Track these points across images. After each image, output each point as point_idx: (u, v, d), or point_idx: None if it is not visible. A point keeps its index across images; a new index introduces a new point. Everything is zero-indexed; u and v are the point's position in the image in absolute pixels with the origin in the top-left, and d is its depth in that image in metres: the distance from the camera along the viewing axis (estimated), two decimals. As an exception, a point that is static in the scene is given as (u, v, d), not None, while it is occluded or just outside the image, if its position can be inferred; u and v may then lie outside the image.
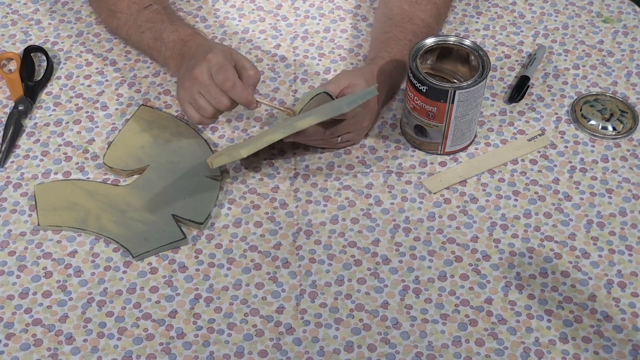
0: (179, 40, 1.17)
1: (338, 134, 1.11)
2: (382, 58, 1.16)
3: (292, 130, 1.03)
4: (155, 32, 1.19)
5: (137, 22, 1.21)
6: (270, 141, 1.03)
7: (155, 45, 1.19)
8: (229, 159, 1.05)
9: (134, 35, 1.22)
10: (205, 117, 1.09)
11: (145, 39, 1.20)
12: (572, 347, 0.97)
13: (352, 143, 1.16)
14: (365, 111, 1.11)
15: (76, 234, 1.06)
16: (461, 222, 1.08)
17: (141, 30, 1.20)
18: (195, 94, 1.08)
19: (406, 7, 1.22)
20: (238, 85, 1.06)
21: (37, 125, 1.18)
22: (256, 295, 1.01)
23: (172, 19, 1.21)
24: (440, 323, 0.99)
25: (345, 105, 1.03)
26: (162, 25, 1.19)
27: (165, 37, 1.18)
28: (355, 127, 1.12)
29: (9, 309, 0.99)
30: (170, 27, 1.18)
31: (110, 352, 0.96)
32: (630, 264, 1.05)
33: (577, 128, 1.19)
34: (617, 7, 1.36)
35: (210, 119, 1.10)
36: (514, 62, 1.27)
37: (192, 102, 1.09)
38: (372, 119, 1.15)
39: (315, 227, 1.07)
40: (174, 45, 1.17)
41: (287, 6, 1.35)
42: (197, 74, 1.07)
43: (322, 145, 1.14)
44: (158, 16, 1.20)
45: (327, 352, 0.96)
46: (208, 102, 1.07)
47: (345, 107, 1.03)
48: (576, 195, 1.11)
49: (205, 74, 1.06)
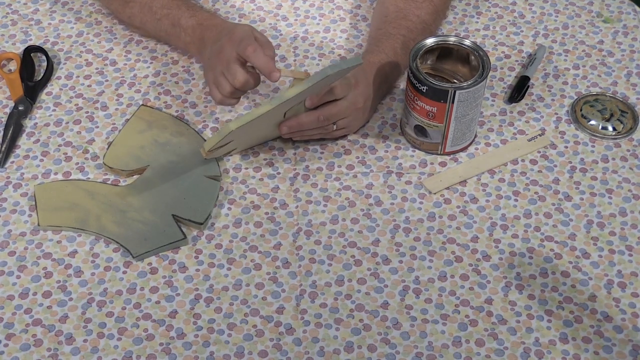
0: (198, 25, 1.17)
1: (333, 119, 1.10)
2: (371, 52, 1.17)
3: (280, 100, 1.02)
4: (173, 18, 1.19)
5: (152, 10, 1.21)
6: (259, 113, 1.02)
7: (173, 31, 1.20)
8: (218, 137, 1.04)
9: (150, 22, 1.23)
10: (224, 96, 1.09)
11: (163, 25, 1.21)
12: (572, 348, 0.97)
13: (349, 131, 1.15)
14: (357, 91, 1.10)
15: (76, 234, 1.06)
16: (461, 222, 1.08)
17: (157, 17, 1.21)
18: (217, 74, 1.09)
19: (402, 5, 1.22)
20: (259, 51, 1.05)
21: (37, 126, 1.18)
22: (256, 295, 1.01)
23: (188, 3, 1.21)
24: (441, 323, 0.99)
25: (329, 68, 1.02)
26: (179, 11, 1.19)
27: (184, 23, 1.18)
28: (350, 110, 1.11)
29: (9, 309, 0.99)
30: (187, 13, 1.19)
31: (110, 352, 0.96)
32: (630, 264, 1.05)
33: (577, 128, 1.19)
34: (617, 7, 1.36)
35: (229, 98, 1.10)
36: (514, 62, 1.27)
37: (215, 82, 1.10)
38: (367, 105, 1.13)
39: (315, 227, 1.07)
40: (194, 31, 1.17)
41: (287, 6, 1.35)
42: (223, 55, 1.08)
43: (319, 135, 1.13)
44: (173, 2, 1.21)
45: (327, 352, 0.96)
46: (227, 78, 1.08)
47: (329, 70, 1.01)
48: (576, 196, 1.11)
49: (229, 52, 1.08)
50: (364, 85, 1.11)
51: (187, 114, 1.19)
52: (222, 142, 1.06)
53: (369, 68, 1.14)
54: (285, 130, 1.10)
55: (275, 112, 1.05)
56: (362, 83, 1.10)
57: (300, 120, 1.09)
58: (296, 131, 1.11)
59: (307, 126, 1.10)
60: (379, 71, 1.15)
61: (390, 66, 1.17)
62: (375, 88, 1.14)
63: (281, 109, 1.06)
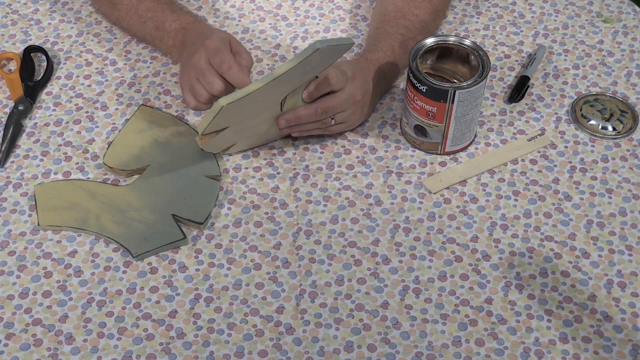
0: (181, 29, 1.18)
1: (331, 112, 1.10)
2: (369, 51, 1.17)
3: (270, 78, 1.01)
4: (157, 21, 1.20)
5: (138, 12, 1.22)
6: (250, 90, 1.01)
7: (157, 34, 1.20)
8: (211, 115, 1.03)
9: (136, 25, 1.23)
10: (201, 102, 1.10)
11: (147, 28, 1.21)
12: (572, 347, 0.97)
13: (348, 126, 1.15)
14: (355, 84, 1.10)
15: (76, 234, 1.06)
16: (461, 222, 1.08)
17: (142, 20, 1.21)
18: (192, 80, 1.09)
19: (400, 4, 1.22)
20: (234, 67, 1.06)
21: (37, 125, 1.18)
22: (256, 295, 1.01)
23: (173, 7, 1.22)
24: (440, 323, 0.99)
25: (318, 42, 1.00)
26: (163, 15, 1.20)
27: (167, 26, 1.19)
28: (349, 102, 1.10)
29: (9, 309, 0.99)
30: (171, 16, 1.19)
31: (110, 352, 0.96)
32: (630, 264, 1.05)
33: (577, 128, 1.19)
34: (617, 7, 1.36)
35: (206, 104, 1.10)
36: (514, 62, 1.27)
37: (190, 89, 1.10)
38: (366, 99, 1.13)
39: (315, 227, 1.07)
40: (176, 34, 1.18)
41: (287, 6, 1.35)
42: (195, 60, 1.09)
43: (317, 131, 1.13)
44: (159, 5, 1.21)
45: (327, 352, 0.96)
46: (203, 86, 1.08)
47: (318, 44, 1.00)
48: (576, 195, 1.11)
49: (203, 59, 1.08)
50: (361, 79, 1.11)
51: (187, 114, 1.19)
52: (216, 125, 1.06)
53: (366, 65, 1.14)
54: (283, 124, 1.10)
55: (269, 94, 1.04)
56: (359, 76, 1.10)
57: (298, 113, 1.09)
58: (294, 125, 1.11)
59: (305, 119, 1.10)
60: (376, 68, 1.15)
61: (388, 64, 1.17)
62: (374, 85, 1.14)
63: (274, 90, 1.04)
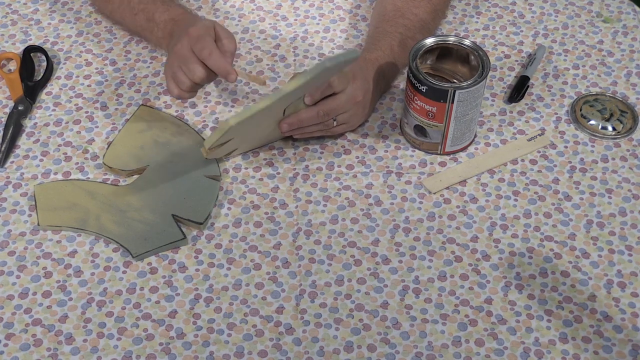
0: (170, 20, 1.18)
1: (333, 114, 1.10)
2: (368, 50, 1.17)
3: (279, 95, 1.01)
4: (148, 13, 1.20)
5: (130, 5, 1.22)
6: (258, 109, 1.01)
7: (148, 26, 1.21)
8: (218, 133, 1.04)
9: (128, 17, 1.24)
10: (184, 90, 1.10)
11: (138, 20, 1.22)
12: (572, 347, 0.97)
13: (350, 127, 1.15)
14: (356, 85, 1.10)
15: (76, 234, 1.06)
16: (461, 222, 1.08)
17: (134, 12, 1.22)
18: (175, 68, 1.10)
19: (400, 4, 1.22)
20: (215, 53, 1.06)
21: (37, 125, 1.18)
22: (256, 295, 1.01)
23: None
24: (440, 323, 0.99)
25: (327, 61, 1.00)
26: (154, 6, 1.20)
27: (157, 18, 1.19)
28: (350, 103, 1.10)
29: (9, 309, 0.99)
30: (162, 8, 1.20)
31: (110, 352, 0.96)
32: (630, 264, 1.05)
33: (577, 128, 1.19)
34: (617, 7, 1.36)
35: (188, 92, 1.11)
36: (514, 62, 1.27)
37: (172, 77, 1.10)
38: (367, 99, 1.13)
39: (315, 227, 1.07)
40: (165, 25, 1.18)
41: (287, 6, 1.35)
42: (178, 48, 1.09)
43: (319, 132, 1.13)
44: None
45: (327, 352, 0.96)
46: (185, 74, 1.09)
47: (327, 62, 1.00)
48: (576, 195, 1.11)
49: (186, 47, 1.08)
50: (362, 79, 1.11)
51: (187, 114, 1.19)
52: (223, 140, 1.06)
53: (365, 65, 1.14)
54: (285, 128, 1.10)
55: (275, 108, 1.05)
56: (359, 77, 1.10)
57: (300, 116, 1.09)
58: (296, 128, 1.11)
59: (307, 122, 1.10)
60: (375, 68, 1.15)
61: (387, 63, 1.17)
62: (374, 84, 1.14)
63: (280, 105, 1.05)
